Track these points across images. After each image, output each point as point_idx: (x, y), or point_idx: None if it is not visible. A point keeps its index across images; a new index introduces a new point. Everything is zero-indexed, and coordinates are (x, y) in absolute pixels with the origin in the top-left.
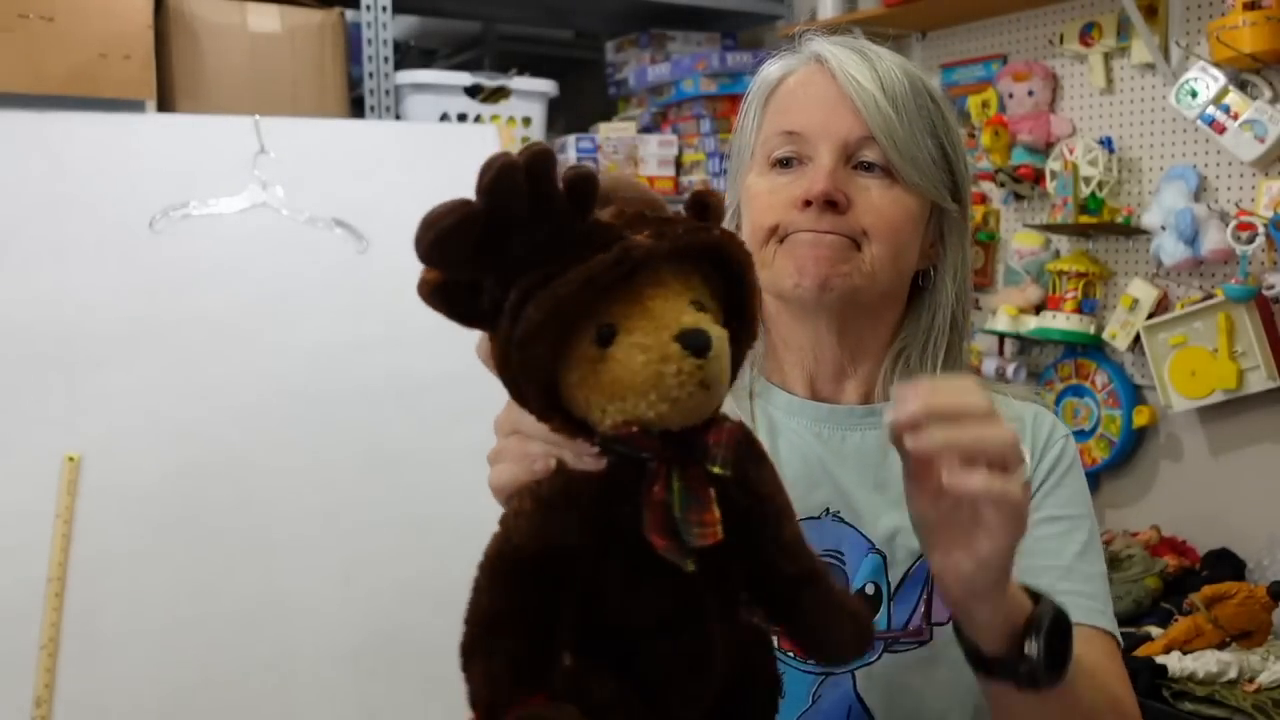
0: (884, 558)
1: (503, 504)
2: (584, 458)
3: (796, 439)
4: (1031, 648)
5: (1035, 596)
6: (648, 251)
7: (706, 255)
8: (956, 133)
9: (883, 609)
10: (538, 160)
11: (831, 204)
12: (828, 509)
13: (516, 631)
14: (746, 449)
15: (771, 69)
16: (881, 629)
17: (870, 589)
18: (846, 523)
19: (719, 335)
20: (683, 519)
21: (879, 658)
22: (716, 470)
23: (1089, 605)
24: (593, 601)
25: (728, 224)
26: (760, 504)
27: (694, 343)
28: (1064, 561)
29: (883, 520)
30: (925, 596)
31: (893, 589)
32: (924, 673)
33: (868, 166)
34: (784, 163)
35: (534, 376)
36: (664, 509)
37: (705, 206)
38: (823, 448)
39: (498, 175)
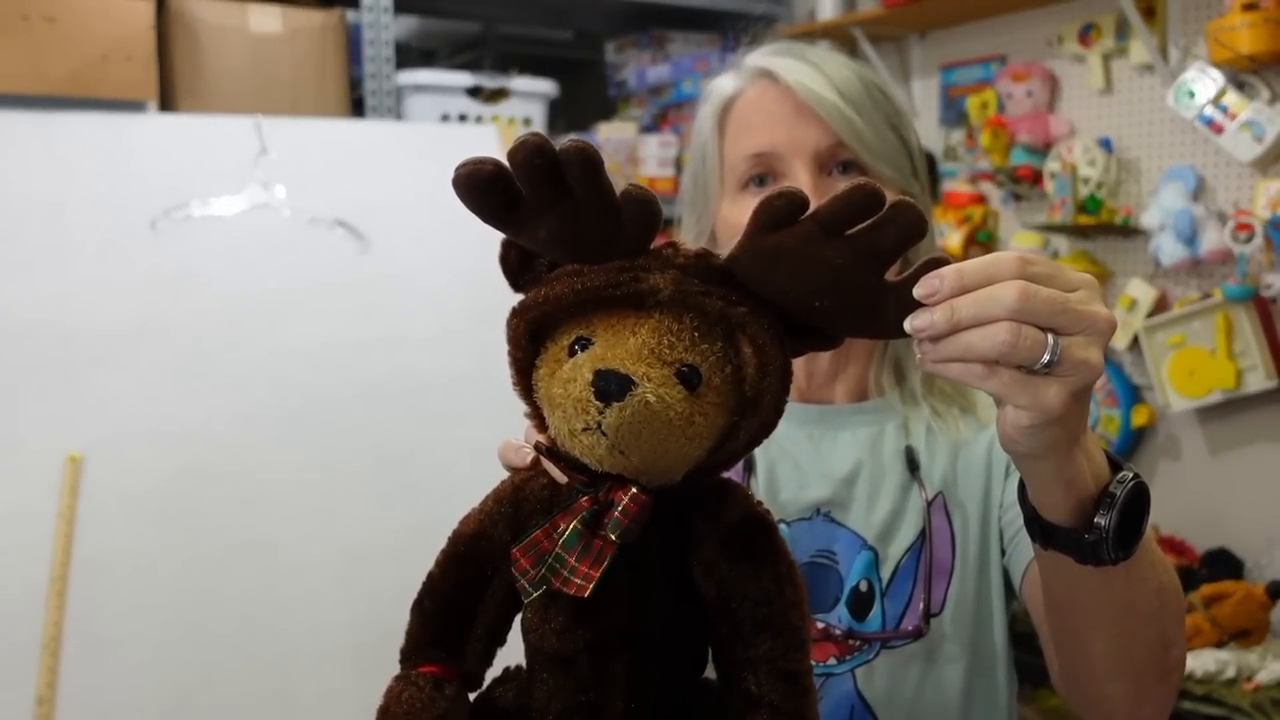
0: (875, 554)
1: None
2: (558, 472)
3: (788, 443)
4: (1103, 519)
5: (1115, 464)
6: (649, 290)
7: (726, 325)
8: (906, 115)
9: (876, 606)
10: (575, 158)
11: None
12: (819, 509)
13: (438, 601)
14: (729, 536)
15: (719, 90)
16: (875, 628)
17: (864, 586)
18: (837, 522)
19: (645, 397)
20: (559, 555)
21: (876, 655)
22: (610, 535)
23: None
24: (516, 607)
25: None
26: (729, 599)
27: (603, 384)
28: None
29: (874, 517)
30: (922, 591)
31: (885, 585)
32: (921, 667)
33: (842, 168)
34: (758, 181)
35: (514, 355)
36: (554, 533)
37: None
38: (814, 449)
39: (520, 151)
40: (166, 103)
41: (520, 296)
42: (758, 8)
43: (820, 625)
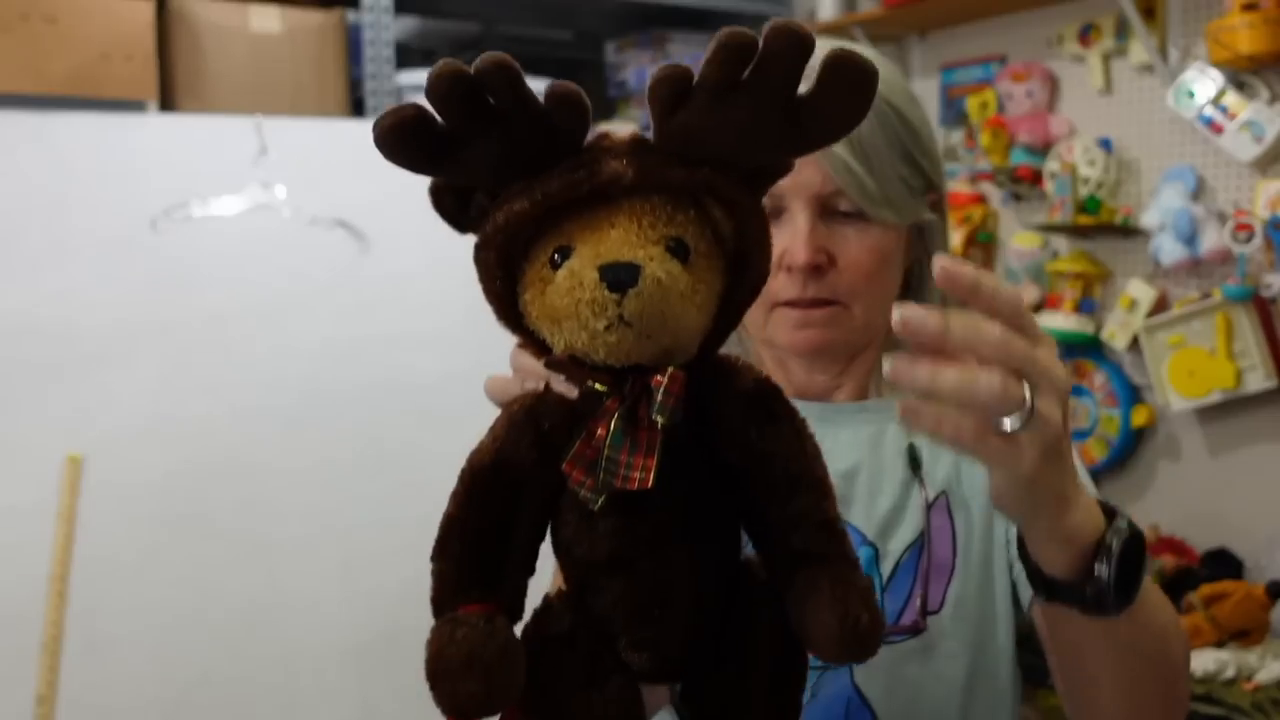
0: (875, 550)
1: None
2: (564, 384)
3: None
4: (1102, 570)
5: (1108, 510)
6: (612, 178)
7: (694, 193)
8: (924, 131)
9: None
10: (491, 73)
11: (815, 268)
12: None
13: (466, 539)
14: (749, 403)
15: None
16: None
17: None
18: None
19: (656, 276)
20: (609, 458)
21: None
22: (658, 418)
23: None
24: (550, 527)
25: None
26: (760, 464)
27: (613, 276)
28: None
29: (874, 513)
30: (920, 588)
31: (885, 581)
32: (920, 664)
33: (844, 213)
34: None
35: (489, 288)
36: (595, 442)
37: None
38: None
39: (437, 81)
40: (166, 103)
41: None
42: (758, 7)
43: None
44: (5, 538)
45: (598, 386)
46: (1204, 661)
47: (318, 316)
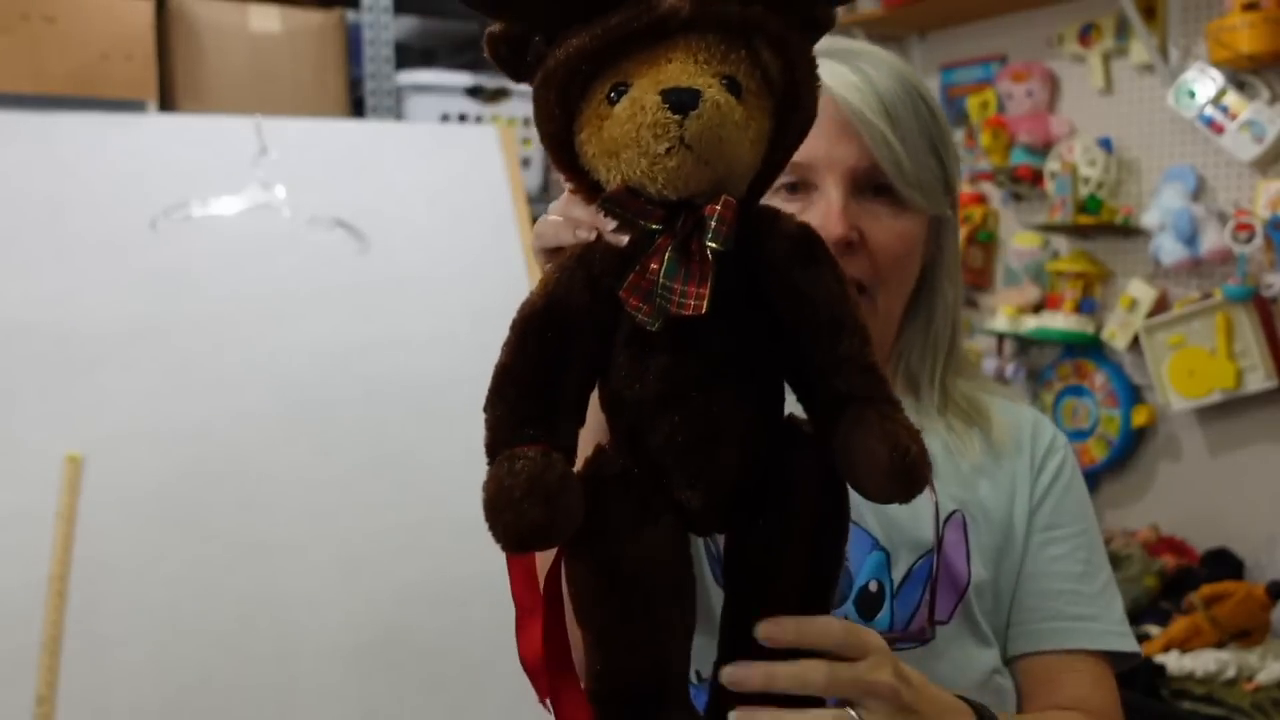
0: (887, 555)
1: (537, 258)
2: (614, 233)
3: None
4: None
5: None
6: (669, 13)
7: (744, 31)
8: (948, 132)
9: (885, 607)
10: None
11: (847, 244)
12: None
13: (520, 383)
14: (793, 245)
15: None
16: (884, 628)
17: (874, 586)
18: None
19: (715, 100)
20: (664, 285)
21: None
22: (711, 244)
23: (1094, 629)
24: (602, 369)
25: None
26: (804, 307)
27: (675, 98)
28: (1069, 585)
29: (885, 517)
30: (927, 596)
31: (895, 586)
32: (926, 671)
33: (875, 190)
34: (789, 188)
35: (546, 128)
36: (650, 275)
37: (803, 6)
38: None
39: None
40: (166, 103)
41: (524, 87)
42: None
43: None
44: (5, 538)
45: (652, 225)
46: (1204, 662)
47: (317, 316)
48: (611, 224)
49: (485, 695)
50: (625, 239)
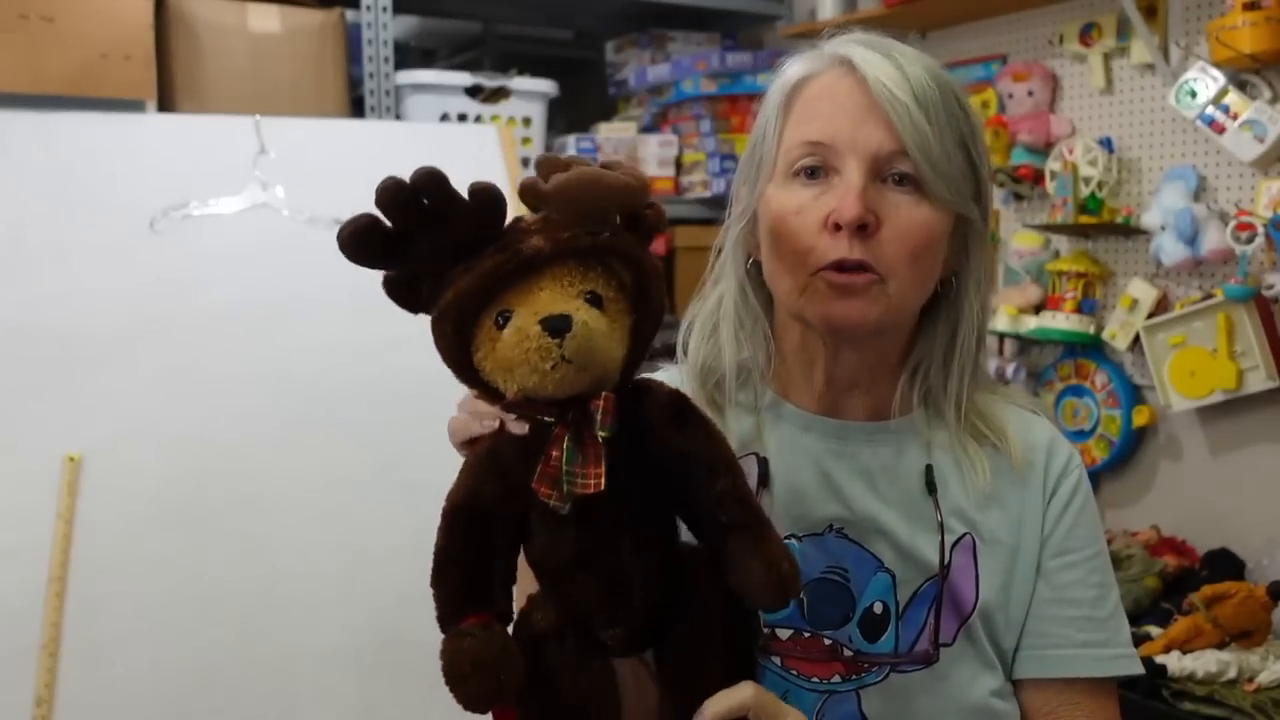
0: (893, 576)
1: (456, 449)
2: (516, 423)
3: (810, 455)
4: None
5: None
6: (534, 253)
7: (598, 254)
8: (981, 136)
9: (890, 628)
10: (423, 181)
11: (861, 226)
12: (831, 525)
13: (458, 565)
14: (666, 412)
15: (793, 70)
16: (889, 650)
17: (878, 608)
18: (852, 540)
19: (584, 320)
20: (568, 471)
21: (885, 677)
22: (600, 434)
23: (1103, 655)
24: (523, 540)
25: (739, 227)
26: (684, 460)
27: (552, 325)
28: (1081, 611)
29: (893, 539)
30: (932, 619)
31: (901, 608)
32: (930, 693)
33: (897, 179)
34: (809, 172)
35: (447, 353)
36: (553, 463)
37: (638, 220)
38: (834, 463)
39: (382, 193)
40: (165, 102)
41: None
42: (758, 7)
43: (828, 643)
44: (4, 538)
45: (547, 419)
46: (1205, 663)
47: (317, 316)
48: (512, 416)
49: None
50: (525, 427)
